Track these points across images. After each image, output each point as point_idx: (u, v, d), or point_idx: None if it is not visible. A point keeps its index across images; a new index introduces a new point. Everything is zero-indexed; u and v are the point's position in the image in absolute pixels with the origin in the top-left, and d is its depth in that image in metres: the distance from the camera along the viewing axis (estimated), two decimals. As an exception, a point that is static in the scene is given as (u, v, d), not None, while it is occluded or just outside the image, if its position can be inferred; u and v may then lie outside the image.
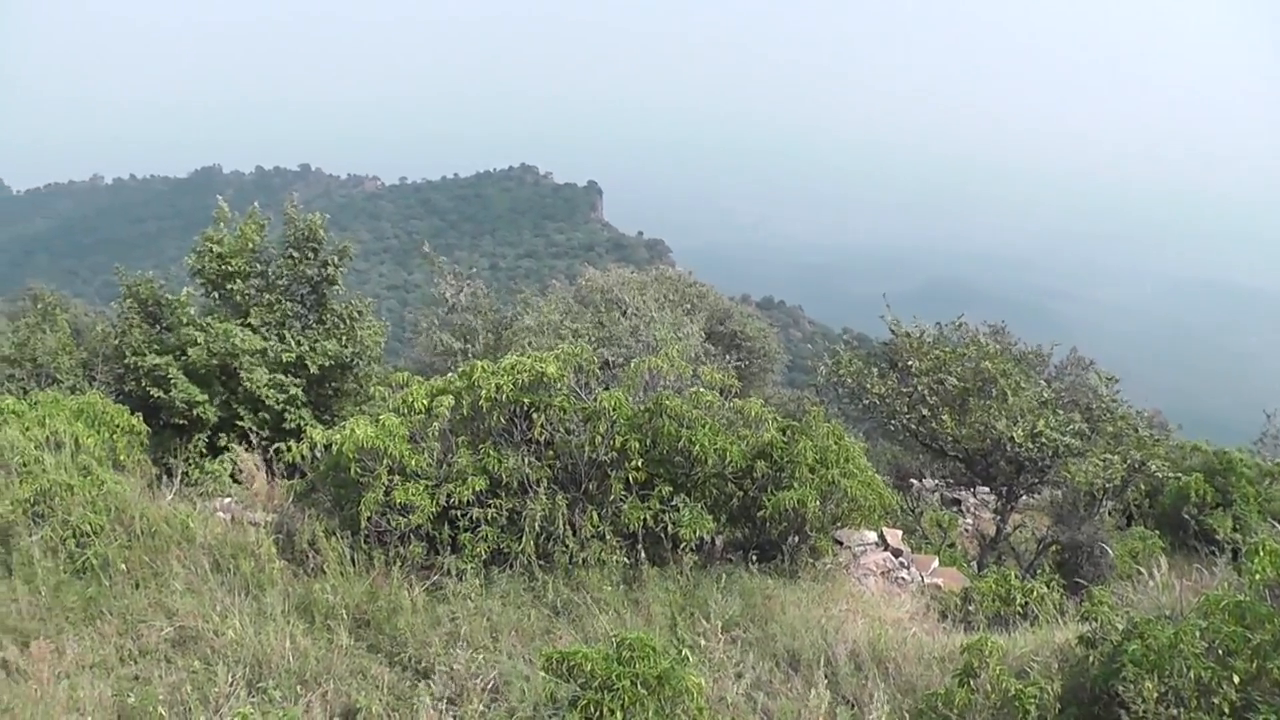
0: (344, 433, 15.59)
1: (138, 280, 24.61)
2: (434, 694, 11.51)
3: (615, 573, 14.54)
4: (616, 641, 10.12)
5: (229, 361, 21.62)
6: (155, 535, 15.47)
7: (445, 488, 14.98)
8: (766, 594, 14.29)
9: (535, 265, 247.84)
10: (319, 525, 15.29)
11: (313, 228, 23.82)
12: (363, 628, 13.35)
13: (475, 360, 17.57)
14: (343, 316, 23.58)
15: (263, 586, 14.20)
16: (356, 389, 23.45)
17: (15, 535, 15.23)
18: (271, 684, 11.76)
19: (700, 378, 17.08)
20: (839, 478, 15.53)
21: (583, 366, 16.52)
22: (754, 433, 16.28)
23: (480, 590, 14.06)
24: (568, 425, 15.69)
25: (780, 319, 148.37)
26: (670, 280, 38.09)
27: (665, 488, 15.21)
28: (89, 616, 13.66)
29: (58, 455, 17.56)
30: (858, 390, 27.10)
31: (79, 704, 11.42)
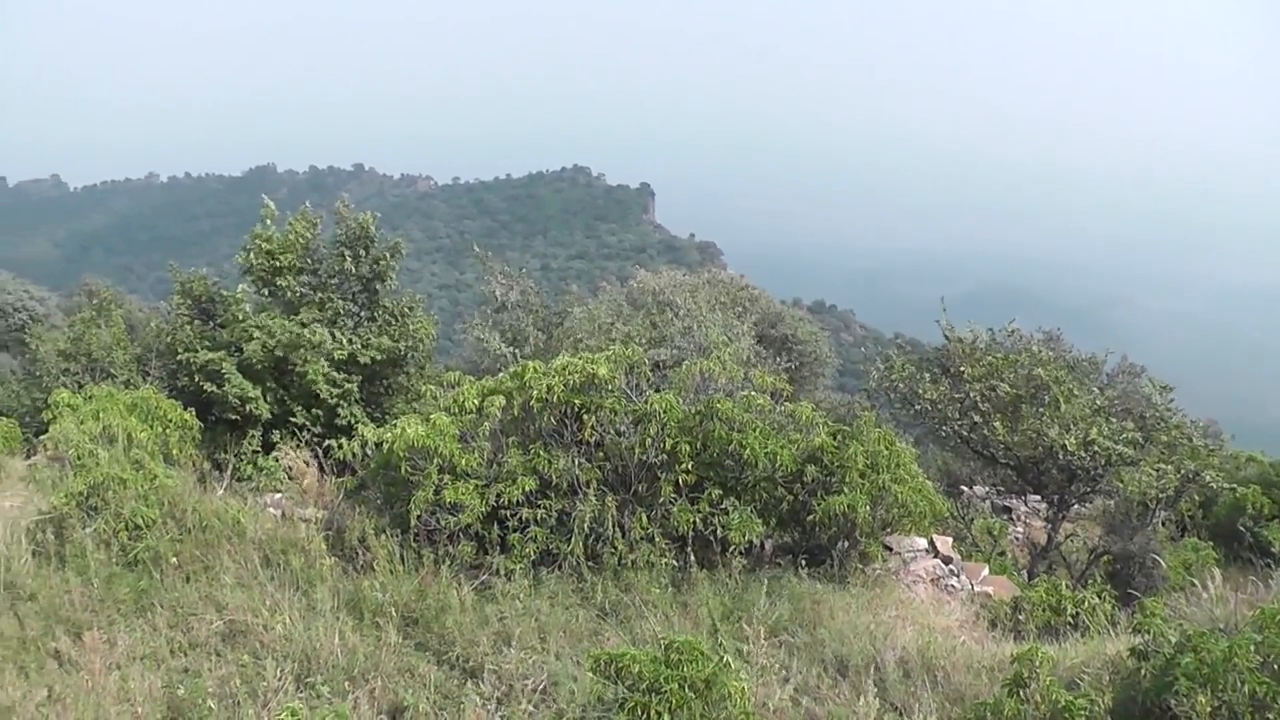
0: (395, 431, 15.65)
1: (191, 277, 24.79)
2: (482, 693, 11.54)
3: (664, 575, 14.53)
4: (664, 644, 10.12)
5: (286, 356, 21.74)
6: (206, 530, 15.58)
7: (495, 488, 15.01)
8: (815, 599, 14.25)
9: (587, 266, 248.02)
10: (369, 523, 15.36)
11: (364, 226, 23.93)
12: (411, 626, 13.38)
13: (526, 361, 17.59)
14: (394, 313, 23.68)
15: (312, 582, 14.27)
16: (407, 385, 23.53)
17: (69, 527, 15.38)
18: (320, 679, 11.81)
19: (751, 381, 17.05)
20: (889, 483, 15.47)
21: (634, 368, 16.51)
22: (805, 437, 16.19)
23: (529, 591, 14.08)
24: (618, 427, 15.69)
25: (831, 323, 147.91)
26: (722, 283, 38.00)
27: (715, 491, 15.17)
28: (140, 609, 13.77)
29: (111, 449, 17.68)
30: (909, 395, 26.99)
31: (129, 695, 11.51)
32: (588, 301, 31.39)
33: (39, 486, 17.91)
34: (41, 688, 11.74)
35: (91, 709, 11.17)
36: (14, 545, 15.29)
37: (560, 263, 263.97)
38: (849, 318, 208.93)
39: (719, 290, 35.32)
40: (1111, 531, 24.15)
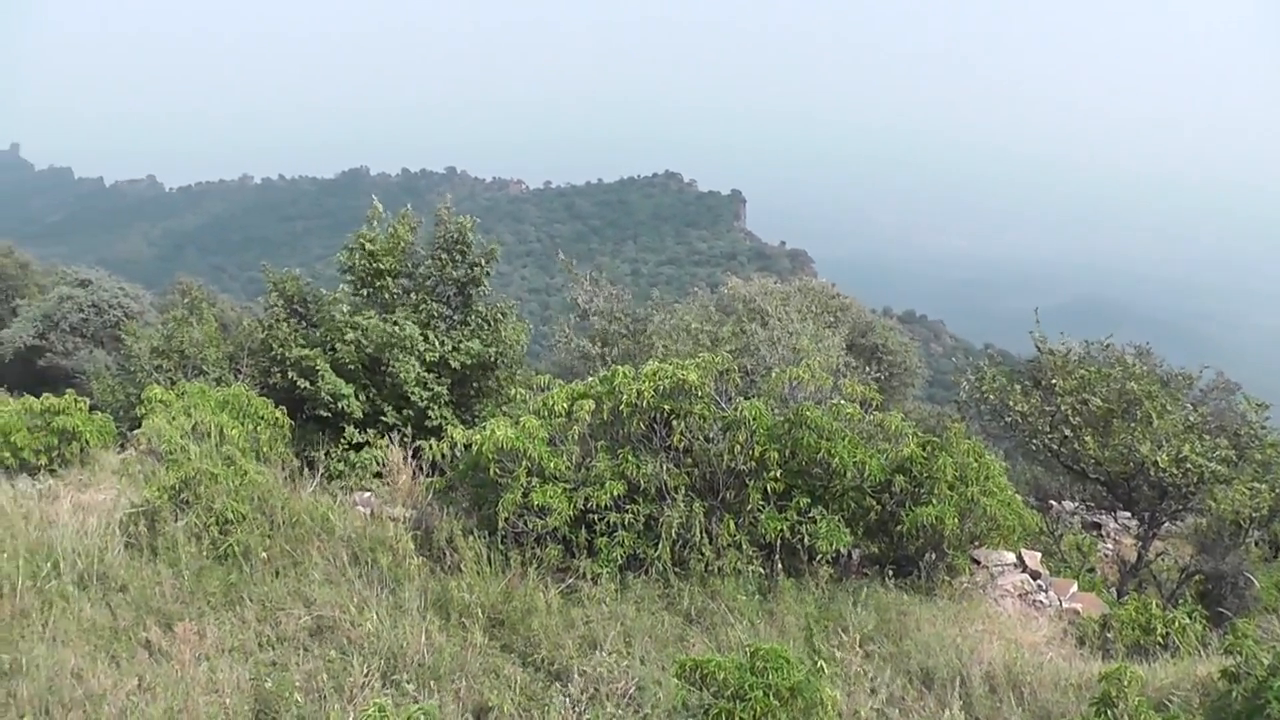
0: (484, 433, 15.69)
1: (284, 277, 25.06)
2: (570, 696, 11.55)
3: (750, 582, 14.50)
4: (750, 651, 10.07)
5: (379, 355, 21.89)
6: (296, 526, 15.74)
7: (583, 491, 15.01)
8: (902, 610, 14.16)
9: (677, 272, 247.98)
10: (457, 524, 15.43)
11: (463, 230, 24.04)
12: (497, 627, 13.41)
13: (615, 365, 17.59)
14: (487, 317, 23.76)
15: (400, 581, 14.35)
16: (498, 389, 23.60)
17: (161, 520, 15.60)
18: (405, 677, 11.88)
19: (841, 390, 16.97)
20: (978, 495, 15.32)
21: (724, 375, 16.47)
22: (894, 447, 16.07)
23: (615, 595, 14.09)
24: (707, 433, 15.65)
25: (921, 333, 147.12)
26: (813, 291, 37.88)
27: (803, 499, 15.09)
28: (230, 602, 13.93)
29: (203, 445, 17.90)
30: (1000, 407, 26.77)
31: (218, 686, 11.65)
32: (674, 307, 31.33)
33: (132, 480, 18.16)
34: (132, 677, 11.92)
35: (180, 699, 11.32)
36: (107, 537, 15.53)
37: (650, 268, 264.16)
38: (939, 328, 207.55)
39: (810, 298, 35.23)
40: (1203, 550, 23.76)
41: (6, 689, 11.63)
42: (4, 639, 12.83)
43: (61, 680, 11.75)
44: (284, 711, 11.15)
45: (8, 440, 20.02)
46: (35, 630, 13.00)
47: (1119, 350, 27.52)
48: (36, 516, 16.54)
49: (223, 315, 41.59)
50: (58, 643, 12.69)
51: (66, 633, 12.97)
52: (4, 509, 16.78)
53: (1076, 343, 27.54)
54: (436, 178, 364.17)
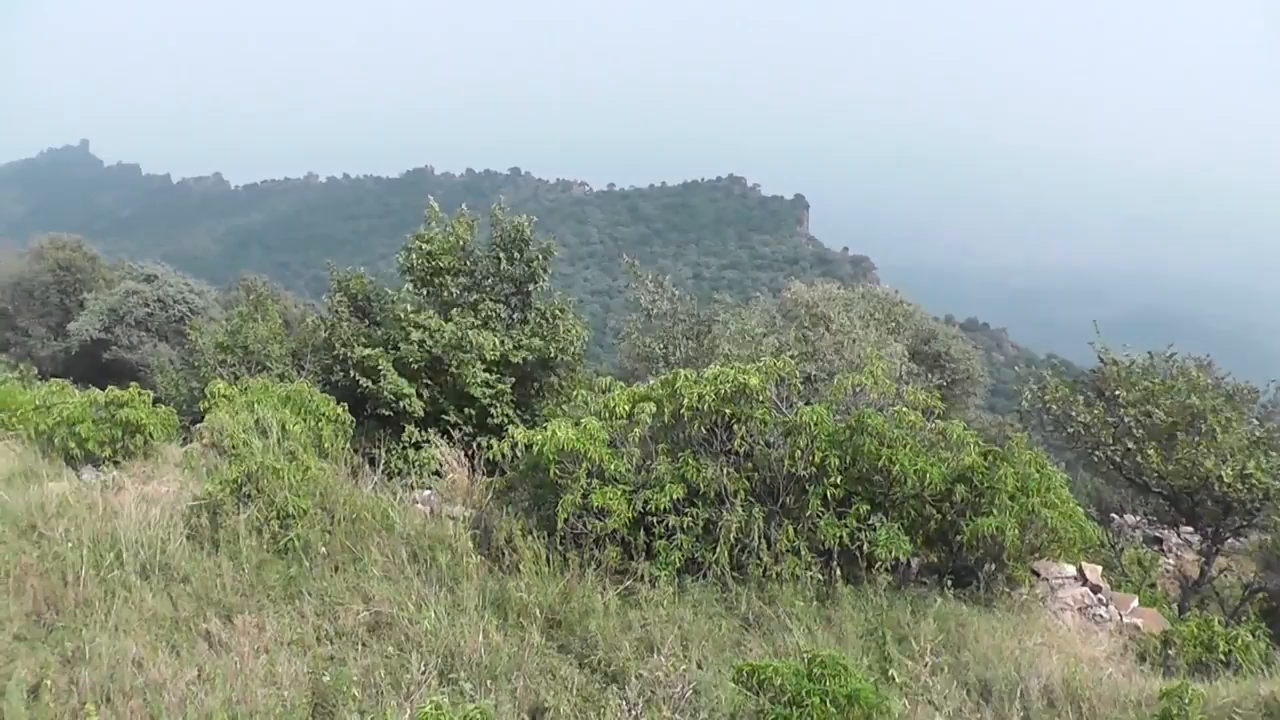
0: (545, 434, 15.71)
1: (348, 275, 25.23)
2: (627, 699, 11.54)
3: (808, 588, 14.42)
4: (808, 658, 10.05)
5: (443, 356, 21.96)
6: (356, 522, 15.85)
7: (643, 494, 15.01)
8: (960, 621, 14.04)
9: (739, 276, 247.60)
10: (516, 523, 15.45)
11: (519, 229, 24.10)
12: (554, 628, 13.44)
13: (677, 368, 17.57)
14: (545, 315, 23.80)
15: (458, 580, 14.41)
16: (558, 388, 23.63)
17: (223, 513, 15.76)
18: (463, 675, 11.90)
19: (903, 397, 16.86)
20: (1039, 507, 15.17)
21: (785, 380, 16.41)
22: (955, 456, 15.92)
23: (673, 598, 14.07)
24: (768, 438, 15.61)
25: (984, 341, 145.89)
26: (876, 298, 37.77)
27: (863, 506, 15.00)
28: (289, 595, 14.05)
29: (265, 439, 18.06)
30: (1062, 418, 26.54)
31: (276, 678, 11.74)
32: (738, 311, 31.30)
33: (194, 473, 18.31)
34: (192, 667, 12.05)
35: (239, 690, 11.42)
36: (170, 528, 15.70)
37: (713, 272, 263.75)
38: (1001, 336, 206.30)
39: (873, 305, 35.12)
40: (1268, 568, 23.49)
41: (70, 676, 11.78)
42: (68, 627, 13.02)
43: (123, 668, 11.89)
44: (341, 706, 11.20)
45: (73, 431, 20.21)
46: (98, 619, 13.16)
47: (1181, 362, 27.23)
48: (101, 507, 16.71)
49: (286, 312, 41.90)
50: (120, 632, 12.84)
51: (128, 622, 13.12)
52: (69, 499, 16.97)
53: (1139, 354, 27.27)
54: (500, 178, 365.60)
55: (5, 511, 16.49)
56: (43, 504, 16.78)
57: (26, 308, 62.56)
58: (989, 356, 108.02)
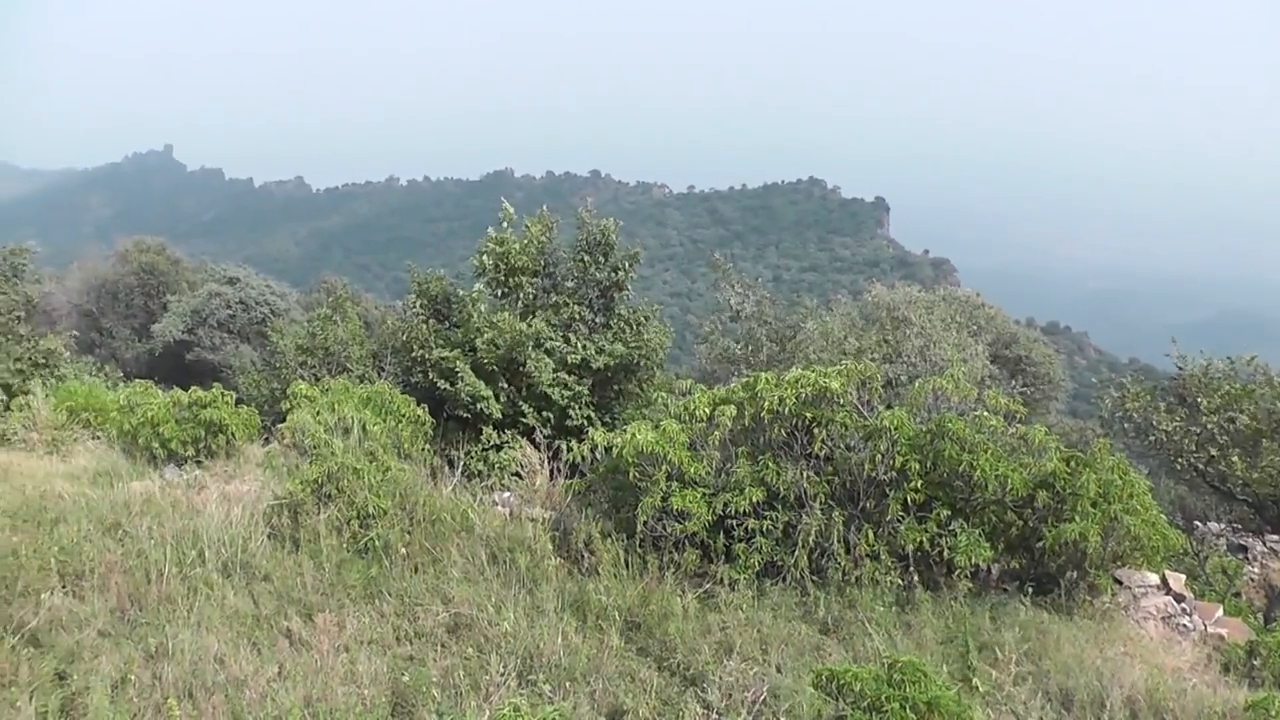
0: (625, 436, 15.73)
1: (428, 277, 25.30)
2: (706, 702, 11.51)
3: (888, 593, 14.31)
4: (888, 663, 9.97)
5: (514, 355, 22.01)
6: (436, 523, 15.96)
7: (722, 497, 14.96)
8: (1041, 629, 13.87)
9: (818, 279, 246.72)
10: (595, 526, 15.46)
11: (605, 232, 24.09)
12: (633, 630, 13.41)
13: (758, 371, 17.51)
14: (629, 320, 23.78)
15: (537, 581, 14.43)
16: (639, 391, 23.60)
17: (303, 513, 15.92)
18: (541, 677, 11.89)
19: (984, 401, 16.70)
20: (1122, 514, 14.96)
21: (866, 383, 16.31)
22: (1036, 461, 15.73)
23: (752, 602, 14.02)
24: (848, 442, 15.52)
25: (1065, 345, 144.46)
26: (957, 301, 37.53)
27: (943, 511, 14.87)
28: (369, 595, 14.14)
29: (346, 440, 18.18)
30: (1144, 425, 26.26)
31: (356, 677, 11.80)
32: (821, 314, 31.20)
33: (275, 473, 18.46)
34: (273, 664, 12.14)
35: (319, 688, 11.48)
36: (251, 527, 15.87)
37: (792, 274, 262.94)
38: (1083, 340, 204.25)
39: (954, 308, 34.87)
40: (1357, 576, 23.13)
41: (153, 671, 11.90)
42: (151, 623, 13.16)
43: (205, 665, 12.01)
44: (420, 706, 11.23)
45: (157, 431, 20.46)
46: (180, 616, 13.32)
47: (1264, 367, 26.87)
48: (183, 505, 16.95)
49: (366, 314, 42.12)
50: (202, 628, 12.96)
51: (210, 619, 13.25)
52: (153, 497, 17.20)
53: (1220, 360, 26.93)
54: (580, 180, 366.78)
55: (90, 509, 16.72)
56: (127, 502, 17.02)
57: (111, 309, 63.35)
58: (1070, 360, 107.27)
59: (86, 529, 15.79)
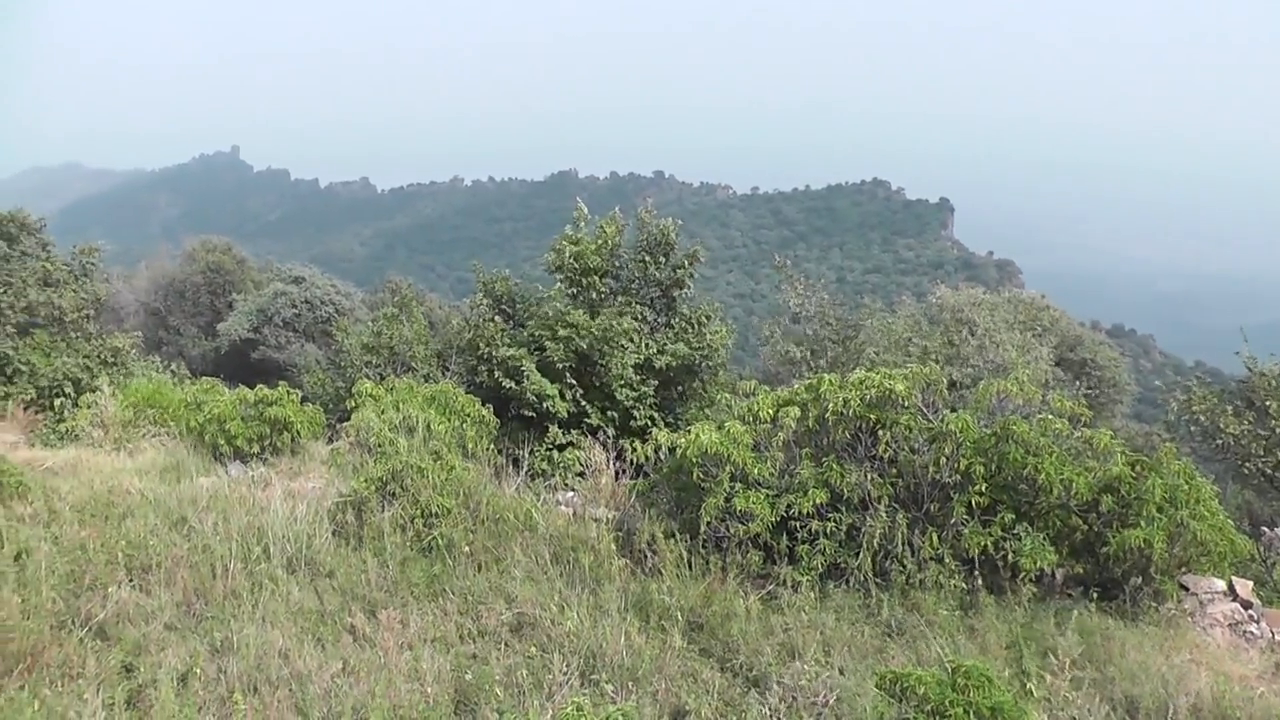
0: (689, 437, 15.73)
1: (494, 277, 25.40)
2: (769, 704, 11.50)
3: (952, 597, 14.22)
4: (951, 668, 9.91)
5: (590, 354, 22.04)
6: (499, 522, 16.01)
7: (786, 498, 14.94)
8: (1106, 635, 13.76)
9: (882, 281, 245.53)
10: (659, 526, 15.48)
11: (665, 232, 24.11)
12: (696, 631, 13.41)
13: (822, 373, 17.47)
14: (691, 320, 23.78)
15: (600, 581, 14.46)
16: (702, 392, 23.59)
17: (368, 510, 16.02)
18: (604, 677, 11.90)
19: (1049, 404, 16.59)
20: (1188, 519, 14.80)
21: (930, 385, 16.23)
22: (1101, 465, 15.61)
23: (815, 603, 13.98)
24: (913, 444, 15.43)
25: (1130, 348, 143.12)
26: (1022, 303, 37.35)
27: (1008, 515, 14.78)
28: (433, 593, 14.21)
29: (410, 439, 18.27)
30: (1210, 429, 26.04)
31: (420, 674, 11.87)
32: (885, 316, 31.12)
33: (340, 470, 18.60)
34: (337, 660, 12.24)
35: (383, 684, 11.54)
36: (316, 524, 15.99)
37: (856, 276, 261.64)
38: (1148, 343, 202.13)
39: (1018, 310, 34.72)
40: None
41: (218, 665, 12.02)
42: (216, 617, 13.30)
43: (269, 659, 12.11)
44: (483, 704, 11.27)
45: (223, 428, 20.66)
46: (245, 610, 13.44)
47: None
48: (249, 502, 17.09)
49: (431, 314, 42.43)
50: (266, 623, 13.08)
51: (275, 614, 13.36)
52: (219, 493, 17.36)
53: (1289, 363, 26.65)
54: (644, 181, 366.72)
55: (157, 505, 16.91)
56: (193, 498, 17.20)
57: (178, 308, 64.04)
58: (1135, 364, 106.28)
59: (153, 524, 15.97)
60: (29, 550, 14.48)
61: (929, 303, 35.63)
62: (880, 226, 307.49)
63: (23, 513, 16.38)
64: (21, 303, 31.95)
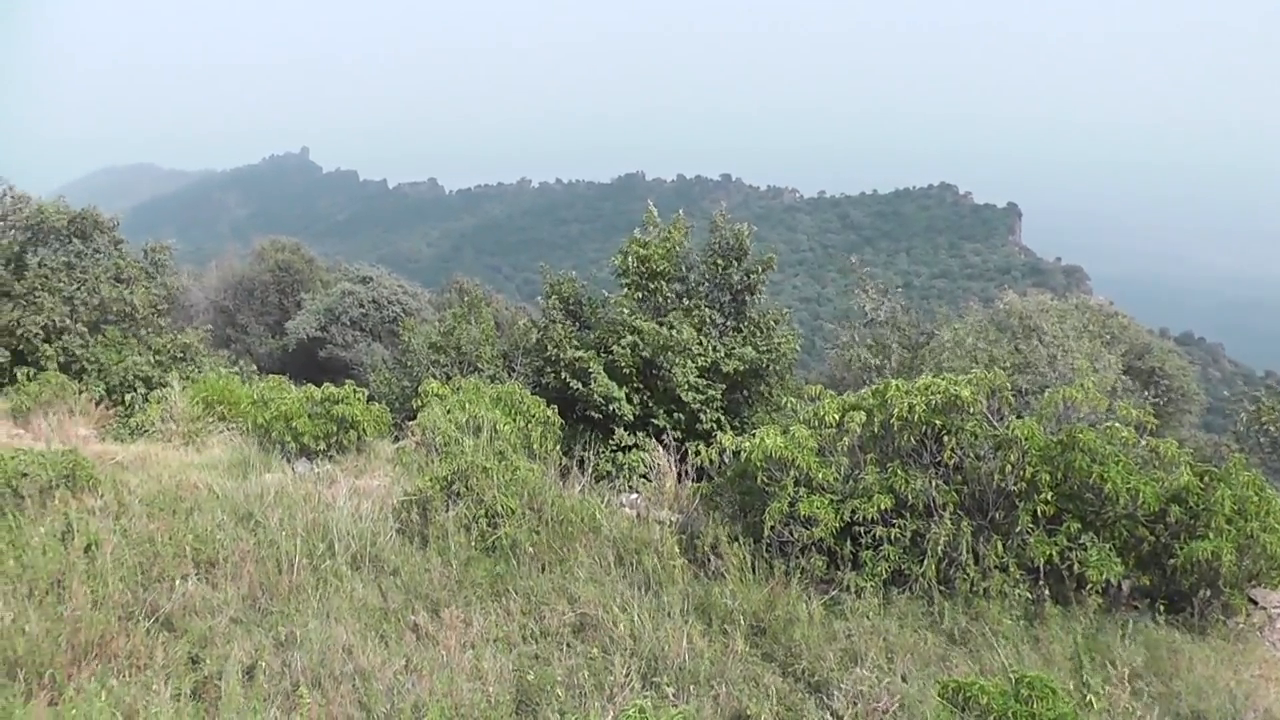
0: (754, 440, 15.69)
1: (561, 278, 25.47)
2: (830, 710, 11.46)
3: (1016, 606, 14.09)
4: (1015, 678, 9.86)
5: (654, 358, 22.05)
6: (563, 523, 16.04)
7: (850, 503, 14.86)
8: (1172, 648, 13.58)
9: (949, 286, 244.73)
10: (722, 529, 15.45)
11: (739, 237, 24.10)
12: (758, 635, 13.37)
13: (889, 378, 17.40)
14: (760, 324, 23.74)
15: (663, 584, 14.45)
16: (768, 396, 23.53)
17: (432, 509, 16.11)
18: (665, 680, 11.89)
19: (1115, 412, 16.43)
20: (1258, 531, 14.63)
21: (996, 392, 16.12)
22: (1168, 475, 15.44)
23: (878, 610, 13.91)
24: (978, 451, 15.34)
25: (1199, 357, 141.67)
26: (1090, 310, 37.05)
27: (1073, 524, 14.61)
28: (496, 593, 14.26)
29: (476, 439, 18.34)
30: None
31: (482, 674, 11.92)
32: (954, 322, 30.97)
33: (405, 469, 18.73)
34: (400, 657, 12.32)
35: (445, 682, 11.60)
36: (380, 522, 16.11)
37: (923, 281, 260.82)
38: (1217, 352, 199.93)
39: (1086, 317, 34.43)
40: None
41: (283, 659, 12.15)
42: (281, 612, 13.44)
43: (333, 655, 12.22)
44: (544, 705, 11.31)
45: (290, 425, 20.81)
46: (310, 606, 13.57)
47: None
48: (314, 498, 17.25)
49: (498, 314, 42.56)
50: (331, 619, 13.18)
51: (339, 610, 13.47)
52: (285, 490, 17.51)
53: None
54: (711, 184, 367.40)
55: (224, 499, 17.09)
56: (260, 494, 17.35)
57: (247, 306, 64.66)
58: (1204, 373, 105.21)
59: (220, 518, 16.14)
60: (98, 542, 14.70)
61: (996, 309, 35.42)
62: (947, 231, 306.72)
63: (93, 505, 16.61)
64: (94, 299, 32.40)
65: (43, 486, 16.71)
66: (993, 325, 32.34)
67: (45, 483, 16.74)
